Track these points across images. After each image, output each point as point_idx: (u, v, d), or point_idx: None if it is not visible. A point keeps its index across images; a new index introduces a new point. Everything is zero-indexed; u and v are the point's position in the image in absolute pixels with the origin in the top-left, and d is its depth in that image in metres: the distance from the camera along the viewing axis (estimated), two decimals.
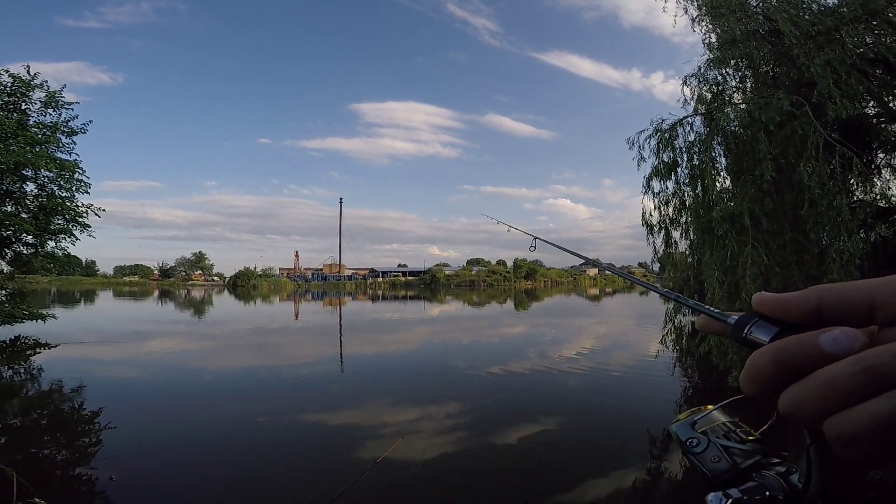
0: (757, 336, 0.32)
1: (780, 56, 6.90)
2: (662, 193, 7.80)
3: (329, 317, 25.79)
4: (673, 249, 8.13)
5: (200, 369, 10.39)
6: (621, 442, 5.90)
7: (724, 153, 7.08)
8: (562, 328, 19.00)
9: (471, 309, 30.46)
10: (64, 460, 5.28)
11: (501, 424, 6.35)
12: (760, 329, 0.32)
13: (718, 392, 7.25)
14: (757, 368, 0.30)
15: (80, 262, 74.91)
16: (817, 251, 6.29)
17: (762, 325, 0.32)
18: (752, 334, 0.32)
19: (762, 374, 0.30)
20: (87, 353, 12.01)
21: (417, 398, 7.75)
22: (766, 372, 0.29)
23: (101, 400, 7.43)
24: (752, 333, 0.32)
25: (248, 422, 6.50)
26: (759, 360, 0.30)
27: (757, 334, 0.32)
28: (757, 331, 0.32)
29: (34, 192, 12.82)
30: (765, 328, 0.32)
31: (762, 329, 0.32)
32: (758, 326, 0.32)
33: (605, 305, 32.90)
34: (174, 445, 5.61)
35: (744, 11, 7.06)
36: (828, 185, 5.68)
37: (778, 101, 5.99)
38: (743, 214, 6.10)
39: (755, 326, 0.32)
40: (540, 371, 9.83)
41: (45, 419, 6.92)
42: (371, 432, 5.99)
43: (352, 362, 11.54)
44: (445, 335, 16.68)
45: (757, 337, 0.32)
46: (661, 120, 7.72)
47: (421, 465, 4.97)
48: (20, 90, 12.16)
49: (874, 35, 6.31)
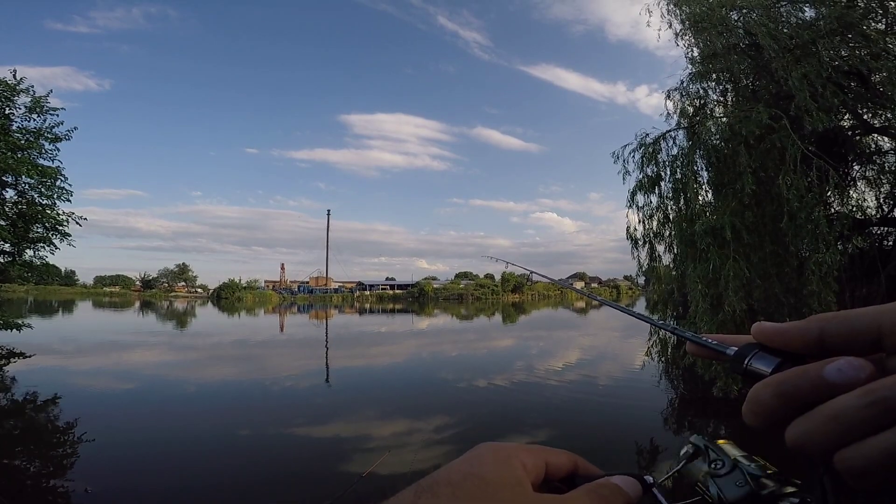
0: (758, 367, 0.31)
1: (760, 69, 7.14)
2: (647, 207, 7.95)
3: (315, 330, 25.46)
4: (657, 262, 8.24)
5: (181, 381, 10.15)
6: (608, 453, 5.88)
7: (706, 166, 7.25)
8: (549, 341, 19.03)
9: (459, 322, 30.36)
10: (37, 472, 5.10)
11: (489, 438, 6.17)
12: (761, 360, 0.31)
13: (704, 402, 7.31)
14: (760, 402, 0.29)
15: (59, 272, 72.88)
16: (797, 263, 6.44)
17: (763, 356, 0.31)
18: (753, 365, 0.31)
19: (766, 407, 0.29)
20: (63, 363, 11.68)
21: (405, 411, 7.67)
22: (769, 405, 0.28)
23: (77, 411, 7.21)
24: (753, 365, 0.31)
25: (229, 434, 6.36)
26: (761, 394, 0.29)
27: (758, 365, 0.31)
28: (758, 362, 0.31)
29: (13, 199, 12.53)
30: (766, 359, 0.31)
31: (763, 360, 0.31)
32: (758, 357, 0.31)
33: (592, 318, 33.05)
34: (152, 458, 5.45)
35: (725, 25, 7.31)
36: (806, 197, 5.84)
37: (757, 115, 6.18)
38: (724, 227, 6.24)
39: (756, 358, 0.31)
40: (527, 383, 9.82)
41: (17, 430, 6.69)
42: (358, 446, 5.91)
43: (338, 375, 11.39)
44: (433, 348, 16.57)
45: (758, 368, 0.31)
46: (645, 134, 7.90)
47: (409, 478, 4.80)
48: (4, 94, 11.95)
49: (849, 48, 6.58)
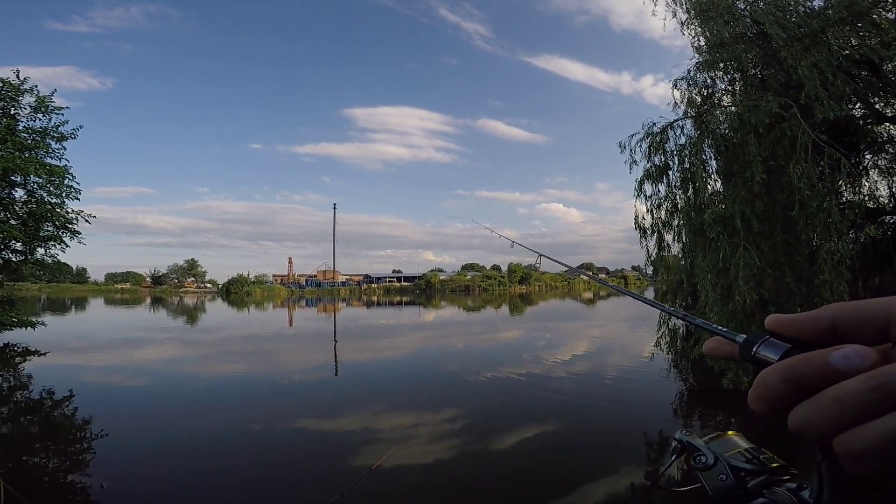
0: (765, 354, 0.32)
1: (768, 58, 6.98)
2: (654, 197, 7.85)
3: (323, 323, 25.64)
4: (666, 252, 8.16)
5: (193, 376, 10.27)
6: (617, 446, 5.88)
7: (715, 156, 7.13)
8: (557, 332, 19.01)
9: (466, 314, 30.41)
10: (54, 468, 5.19)
11: (497, 430, 6.32)
12: (769, 347, 0.32)
13: (714, 394, 7.27)
14: (766, 386, 0.30)
15: (70, 270, 74.06)
16: (808, 252, 6.34)
17: (771, 343, 0.32)
18: (761, 353, 0.33)
19: (771, 392, 0.30)
20: (77, 360, 11.86)
21: (413, 404, 7.70)
22: (775, 390, 0.29)
23: (92, 407, 7.32)
24: (761, 352, 0.33)
25: (241, 429, 6.43)
26: (768, 378, 0.30)
27: (765, 352, 0.32)
28: (765, 349, 0.32)
29: (23, 199, 12.68)
30: (774, 346, 0.32)
31: (771, 347, 0.32)
32: (767, 345, 0.33)
33: (600, 309, 32.97)
34: (166, 453, 5.53)
35: (732, 14, 7.14)
36: (817, 186, 5.74)
37: (767, 104, 6.06)
38: (734, 216, 6.15)
39: (764, 345, 0.33)
40: (535, 375, 9.82)
41: (34, 427, 6.81)
42: (366, 439, 5.94)
43: (346, 369, 11.46)
44: (440, 341, 16.61)
45: (765, 355, 0.32)
46: (652, 123, 7.78)
47: (416, 472, 4.91)
48: (9, 95, 12.05)
49: (859, 37, 6.41)
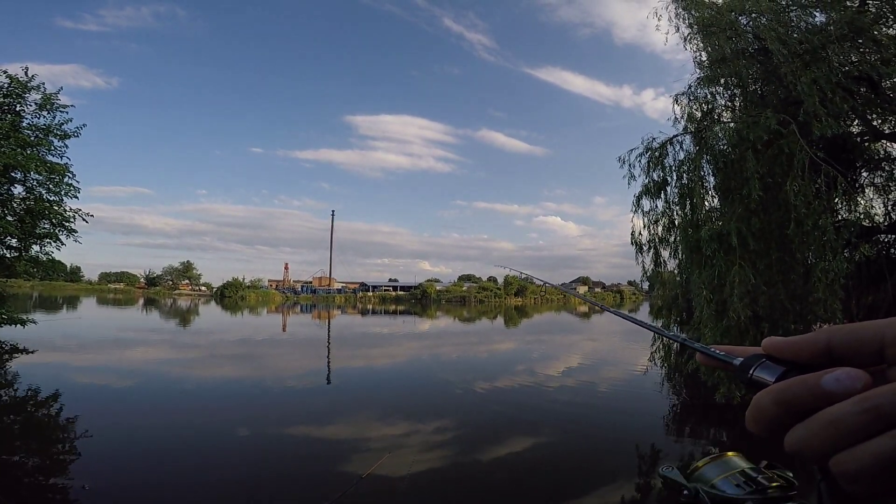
0: (761, 377, 0.33)
1: (769, 74, 7.06)
2: (652, 212, 7.89)
3: (317, 330, 25.48)
4: (662, 268, 8.18)
5: (182, 379, 10.16)
6: (609, 458, 5.84)
7: (713, 172, 7.17)
8: (551, 345, 18.95)
9: (461, 325, 30.32)
10: (36, 468, 5.10)
11: (489, 440, 6.27)
12: (765, 370, 0.33)
13: (706, 409, 7.24)
14: (761, 409, 0.31)
15: (64, 268, 73.52)
16: (803, 270, 6.37)
17: (767, 365, 0.33)
18: (757, 375, 0.33)
19: (766, 414, 0.30)
20: (65, 359, 11.73)
21: (405, 413, 7.63)
22: (769, 412, 0.30)
23: (77, 407, 7.22)
24: (757, 374, 0.33)
25: (229, 433, 6.35)
26: (762, 401, 0.31)
27: (761, 375, 0.33)
28: (762, 371, 0.33)
29: (21, 195, 12.61)
30: (770, 369, 0.33)
31: (767, 370, 0.33)
32: (763, 367, 0.33)
33: (595, 322, 32.90)
34: (152, 456, 5.44)
35: (734, 30, 7.22)
36: (813, 203, 5.78)
37: (765, 120, 6.12)
38: (730, 234, 6.18)
39: (760, 367, 0.33)
40: (529, 387, 9.77)
41: (17, 425, 6.70)
42: (358, 446, 5.88)
43: (339, 376, 11.37)
44: (434, 350, 16.52)
45: (761, 377, 0.33)
46: (652, 139, 7.85)
47: (408, 480, 4.87)
48: (16, 91, 12.05)
49: (859, 53, 6.50)
